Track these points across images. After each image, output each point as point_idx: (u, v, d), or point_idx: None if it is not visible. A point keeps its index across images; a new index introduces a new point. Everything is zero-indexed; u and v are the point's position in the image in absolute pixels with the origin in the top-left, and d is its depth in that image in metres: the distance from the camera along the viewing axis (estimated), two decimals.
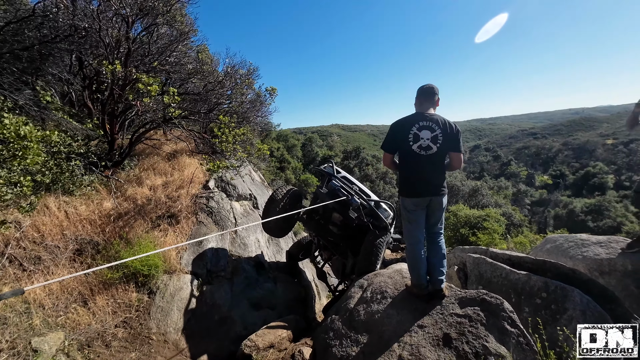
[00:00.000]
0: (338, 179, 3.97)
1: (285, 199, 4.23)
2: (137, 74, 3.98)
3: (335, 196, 3.67)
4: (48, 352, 2.48)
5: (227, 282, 4.23)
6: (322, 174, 4.31)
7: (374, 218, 3.73)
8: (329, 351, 2.49)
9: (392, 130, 2.48)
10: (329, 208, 3.97)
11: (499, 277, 2.88)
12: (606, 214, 37.02)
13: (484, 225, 9.63)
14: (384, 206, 3.86)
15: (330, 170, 4.19)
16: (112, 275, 3.28)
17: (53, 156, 3.92)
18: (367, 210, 3.73)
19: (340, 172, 4.29)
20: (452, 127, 2.35)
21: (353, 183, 4.06)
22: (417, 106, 2.50)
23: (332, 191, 3.80)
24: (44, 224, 3.35)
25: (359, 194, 3.80)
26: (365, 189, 4.11)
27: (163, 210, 4.53)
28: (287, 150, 29.88)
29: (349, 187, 3.85)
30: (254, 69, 6.46)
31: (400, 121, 2.48)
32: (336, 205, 3.73)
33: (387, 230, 3.73)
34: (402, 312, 2.41)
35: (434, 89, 2.47)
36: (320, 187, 4.14)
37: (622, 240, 3.62)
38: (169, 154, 6.26)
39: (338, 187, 3.80)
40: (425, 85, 2.50)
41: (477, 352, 1.86)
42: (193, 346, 3.31)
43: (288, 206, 4.28)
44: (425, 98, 2.45)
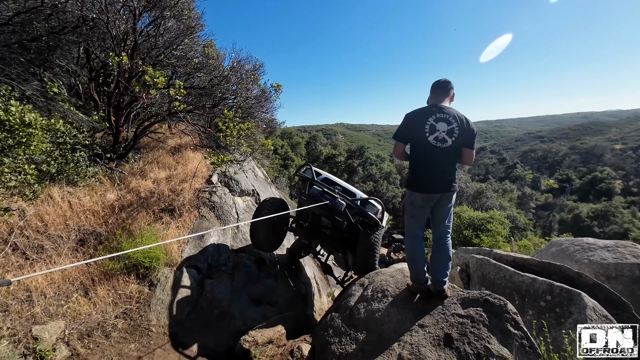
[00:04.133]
0: (318, 183, 3.85)
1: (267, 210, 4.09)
2: (144, 66, 3.99)
3: (318, 202, 3.58)
4: (48, 340, 2.50)
5: (228, 277, 4.22)
6: (303, 179, 4.18)
7: (363, 216, 3.66)
8: (328, 348, 2.47)
9: (407, 120, 2.39)
10: (316, 214, 3.90)
11: (503, 278, 2.84)
12: (612, 219, 36.46)
13: (487, 228, 9.54)
14: (371, 202, 3.77)
15: (310, 175, 4.03)
16: (113, 266, 3.29)
17: (58, 146, 3.95)
18: (355, 210, 3.65)
19: (321, 174, 4.15)
20: (468, 122, 2.30)
21: (335, 184, 3.94)
22: (432, 100, 2.43)
23: (314, 197, 3.69)
24: (47, 214, 3.37)
25: (343, 195, 3.71)
26: (350, 187, 4.00)
27: (166, 203, 4.54)
28: (291, 148, 29.87)
29: (332, 190, 3.74)
30: (259, 65, 6.45)
31: (416, 111, 2.40)
32: (322, 210, 3.66)
33: (378, 226, 3.67)
34: (402, 311, 2.38)
35: (450, 83, 2.42)
36: (302, 193, 4.04)
37: (630, 245, 3.55)
38: (173, 147, 6.28)
39: (320, 192, 3.69)
40: (441, 79, 2.44)
41: (478, 354, 1.82)
42: (192, 339, 3.31)
43: (275, 219, 4.15)
44: (441, 91, 2.40)
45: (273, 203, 4.26)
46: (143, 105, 4.49)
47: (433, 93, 2.45)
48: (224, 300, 3.88)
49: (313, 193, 3.71)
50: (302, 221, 4.32)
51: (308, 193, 3.84)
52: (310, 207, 3.55)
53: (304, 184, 4.14)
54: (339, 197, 3.61)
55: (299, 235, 4.57)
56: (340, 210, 3.54)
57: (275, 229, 4.42)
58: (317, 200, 3.60)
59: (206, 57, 6.08)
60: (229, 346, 3.40)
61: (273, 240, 4.46)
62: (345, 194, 3.78)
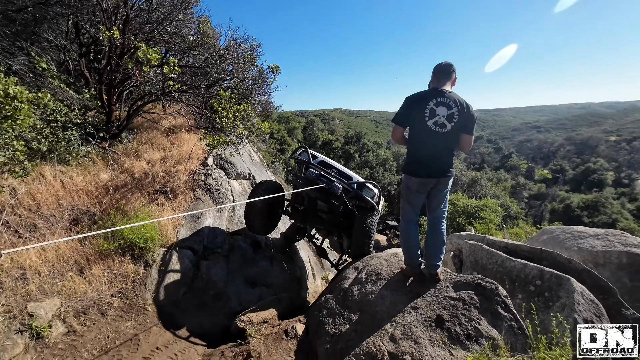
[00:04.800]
0: (315, 165, 3.78)
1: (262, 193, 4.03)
2: (136, 42, 3.83)
3: (314, 185, 3.51)
4: (44, 317, 2.52)
5: (224, 259, 4.25)
6: (299, 162, 4.10)
7: (360, 200, 3.63)
8: (322, 328, 2.52)
9: (406, 103, 2.35)
10: (312, 197, 3.85)
11: (495, 264, 2.89)
12: (602, 210, 37.23)
13: (480, 215, 9.68)
14: (368, 186, 3.74)
15: (306, 157, 3.94)
16: (108, 246, 3.28)
17: (49, 124, 3.84)
18: (352, 193, 3.62)
19: (317, 157, 4.07)
20: (469, 107, 2.26)
21: (332, 167, 3.88)
22: (434, 83, 2.37)
23: (310, 180, 3.63)
24: (39, 192, 3.31)
25: (340, 178, 3.66)
26: (347, 170, 3.95)
27: (161, 185, 4.50)
28: (288, 133, 29.55)
29: (328, 173, 3.67)
30: (256, 45, 6.25)
31: (416, 95, 2.36)
32: (318, 193, 3.61)
33: (374, 210, 3.65)
34: (396, 294, 2.42)
35: (452, 66, 2.36)
36: (298, 176, 3.94)
37: (619, 234, 3.62)
38: (167, 128, 6.16)
39: (316, 174, 3.62)
40: (443, 62, 2.38)
41: (468, 334, 1.87)
42: (188, 319, 3.36)
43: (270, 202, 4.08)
44: (443, 75, 2.34)
45: (268, 185, 4.21)
46: (136, 83, 4.35)
47: (435, 77, 2.39)
48: (219, 282, 3.92)
49: (309, 176, 3.64)
50: (297, 204, 4.28)
51: (304, 176, 3.78)
52: (306, 189, 3.50)
53: (300, 166, 4.04)
54: (335, 180, 3.56)
55: (294, 219, 4.52)
56: (336, 193, 3.50)
57: (270, 212, 4.39)
58: (313, 183, 3.54)
59: (201, 34, 5.87)
60: (224, 326, 3.47)
61: (268, 223, 4.43)
62: (341, 177, 3.73)
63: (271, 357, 2.61)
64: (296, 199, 4.31)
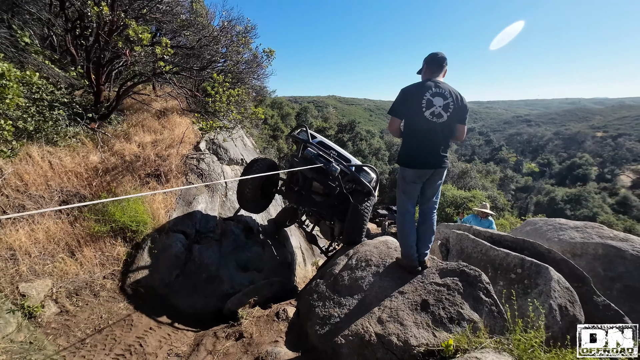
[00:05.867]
0: (314, 145, 3.66)
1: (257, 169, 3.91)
2: (127, 19, 3.69)
3: (312, 165, 3.42)
4: (36, 297, 2.53)
5: (216, 244, 4.29)
6: (296, 141, 3.98)
7: (357, 183, 3.57)
8: (312, 311, 2.61)
9: (403, 94, 2.35)
10: (308, 178, 3.76)
11: (479, 252, 3.01)
12: (584, 204, 38.60)
13: (468, 206, 9.92)
14: (366, 170, 3.68)
15: (305, 137, 3.81)
16: (99, 229, 3.27)
17: (35, 102, 3.71)
18: (349, 176, 3.54)
19: (317, 137, 3.96)
20: (462, 98, 2.30)
21: (331, 148, 3.78)
22: (427, 74, 2.38)
23: (308, 159, 3.52)
24: (27, 173, 3.25)
25: (338, 160, 3.57)
26: (345, 153, 3.86)
27: (152, 168, 4.45)
28: (281, 119, 29.21)
29: (327, 154, 3.56)
30: (251, 27, 6.09)
31: (412, 86, 2.37)
32: (315, 174, 3.52)
33: (371, 194, 3.59)
34: (384, 279, 2.52)
35: (445, 59, 2.37)
36: (295, 155, 3.83)
37: (597, 227, 3.80)
38: (159, 111, 6.03)
39: (314, 154, 3.53)
40: (437, 53, 2.38)
41: (451, 317, 1.98)
42: (181, 301, 3.42)
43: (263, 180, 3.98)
44: (436, 67, 2.36)
45: (264, 162, 4.07)
46: (126, 63, 4.21)
47: (428, 67, 2.39)
48: (212, 265, 3.97)
49: (307, 155, 3.54)
50: (292, 184, 4.16)
51: (301, 155, 3.66)
52: (302, 168, 3.38)
53: (297, 146, 3.91)
54: (333, 162, 3.48)
55: (288, 199, 4.41)
56: (334, 174, 3.42)
57: (263, 191, 4.27)
58: (311, 163, 3.44)
59: (194, 13, 5.67)
60: (217, 307, 3.54)
61: (261, 202, 4.32)
62: (340, 159, 3.64)
63: (262, 337, 2.70)
64: (291, 178, 4.19)
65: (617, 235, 3.53)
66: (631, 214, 36.94)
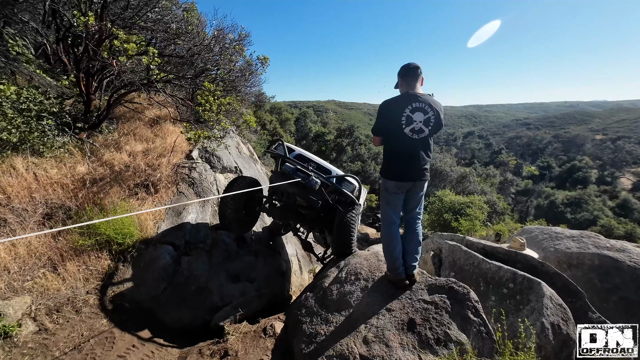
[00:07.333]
0: (291, 160, 3.66)
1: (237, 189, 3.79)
2: (114, 29, 3.66)
3: (291, 180, 3.38)
4: (13, 315, 2.45)
5: (206, 254, 4.21)
6: (274, 157, 3.92)
7: (339, 194, 3.53)
8: (299, 327, 2.54)
9: (382, 112, 2.33)
10: (290, 193, 3.71)
11: (472, 265, 2.94)
12: (585, 207, 38.45)
13: (466, 212, 9.84)
14: (347, 179, 3.63)
15: (282, 151, 3.79)
16: (83, 242, 3.20)
17: (21, 113, 3.67)
18: (331, 187, 3.50)
19: (294, 150, 3.92)
20: (440, 113, 2.27)
21: (310, 160, 3.74)
22: (404, 87, 2.34)
23: (286, 175, 3.49)
24: (10, 185, 3.19)
25: (318, 172, 3.53)
26: (326, 163, 3.80)
27: (142, 178, 4.38)
28: (280, 124, 29.23)
29: (305, 167, 3.54)
30: (245, 35, 6.07)
31: (391, 102, 2.32)
32: (296, 189, 3.48)
33: (355, 204, 3.55)
34: (372, 295, 2.45)
35: (418, 68, 2.33)
36: (274, 171, 3.79)
37: (593, 236, 3.73)
38: (151, 119, 5.98)
39: (292, 169, 3.49)
40: (410, 64, 2.33)
41: (438, 339, 1.91)
42: (168, 314, 3.34)
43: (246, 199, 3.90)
44: (411, 78, 2.31)
45: (243, 182, 3.99)
46: (113, 73, 4.17)
47: (403, 80, 2.34)
48: (201, 276, 3.89)
49: (285, 170, 3.50)
50: (275, 201, 4.12)
51: (280, 171, 3.64)
52: (281, 184, 3.35)
53: (276, 161, 3.88)
54: (313, 175, 3.43)
55: (272, 216, 4.35)
56: (314, 188, 3.38)
57: (247, 209, 4.23)
58: (290, 179, 3.41)
59: (186, 22, 5.66)
60: (205, 320, 3.45)
61: (244, 220, 4.25)
62: (320, 171, 3.60)
63: (248, 355, 2.61)
64: (274, 195, 4.15)
65: (613, 245, 3.46)
66: (632, 216, 36.76)
